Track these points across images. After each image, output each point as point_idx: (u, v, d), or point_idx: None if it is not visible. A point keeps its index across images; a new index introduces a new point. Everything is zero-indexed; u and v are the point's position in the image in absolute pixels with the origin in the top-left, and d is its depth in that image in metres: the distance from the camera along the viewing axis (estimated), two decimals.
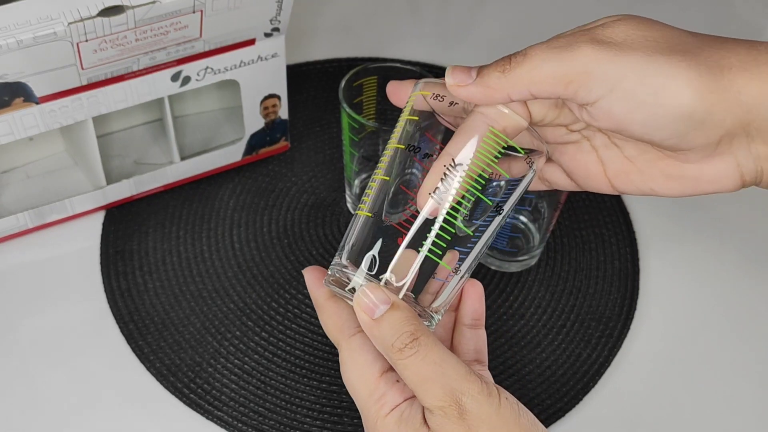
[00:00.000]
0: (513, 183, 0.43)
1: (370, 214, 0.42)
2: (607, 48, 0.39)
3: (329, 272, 0.43)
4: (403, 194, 0.42)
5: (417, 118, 0.43)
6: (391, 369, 0.42)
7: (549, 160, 0.47)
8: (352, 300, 0.42)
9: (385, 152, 0.43)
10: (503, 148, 0.41)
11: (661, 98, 0.38)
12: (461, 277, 0.43)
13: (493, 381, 0.45)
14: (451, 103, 0.43)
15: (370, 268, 0.41)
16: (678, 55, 0.38)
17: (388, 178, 0.42)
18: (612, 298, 0.64)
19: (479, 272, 0.64)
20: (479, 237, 0.42)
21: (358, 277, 0.41)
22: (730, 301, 0.65)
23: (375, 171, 0.43)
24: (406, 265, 0.41)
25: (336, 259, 0.43)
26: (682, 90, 0.38)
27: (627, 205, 0.69)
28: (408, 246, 0.41)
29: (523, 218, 0.63)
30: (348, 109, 0.59)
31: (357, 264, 0.41)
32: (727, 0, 0.89)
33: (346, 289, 0.42)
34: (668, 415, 0.58)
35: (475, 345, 0.46)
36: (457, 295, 0.44)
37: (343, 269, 0.42)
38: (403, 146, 0.42)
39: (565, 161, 0.46)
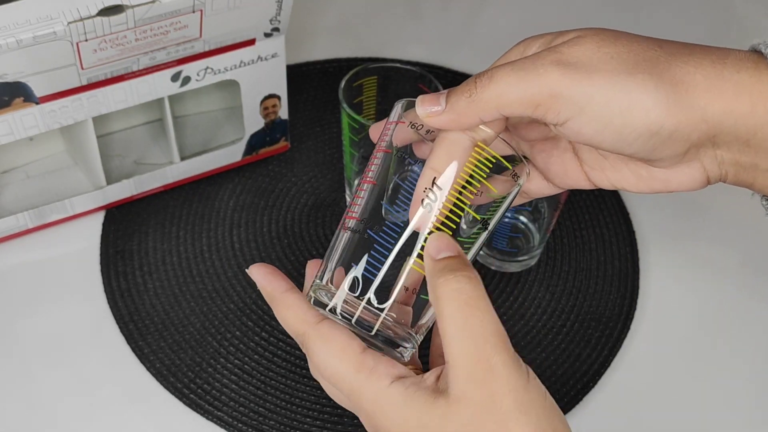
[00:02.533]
0: (499, 199, 0.43)
1: (354, 231, 0.42)
2: (573, 70, 0.39)
3: (311, 293, 0.42)
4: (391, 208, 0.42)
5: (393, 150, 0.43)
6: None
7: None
8: (337, 319, 0.41)
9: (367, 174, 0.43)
10: (489, 166, 0.41)
11: (628, 118, 0.39)
12: None
13: None
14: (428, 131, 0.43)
15: (352, 289, 0.41)
16: (644, 74, 0.39)
17: (375, 182, 0.42)
18: (612, 298, 0.64)
19: (479, 272, 0.64)
20: (466, 252, 0.42)
21: (339, 297, 0.41)
22: (730, 301, 0.65)
23: (358, 184, 0.43)
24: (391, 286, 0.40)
25: (317, 281, 0.42)
26: (649, 109, 0.39)
27: (627, 205, 0.69)
28: (394, 264, 0.40)
29: (523, 218, 0.63)
30: (348, 109, 0.59)
31: (339, 283, 0.41)
32: (727, 0, 0.89)
33: (327, 308, 0.41)
34: (668, 415, 0.58)
35: None
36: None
37: (329, 290, 0.41)
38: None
39: (542, 159, 0.46)
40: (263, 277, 0.42)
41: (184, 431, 0.56)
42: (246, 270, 0.45)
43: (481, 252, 0.64)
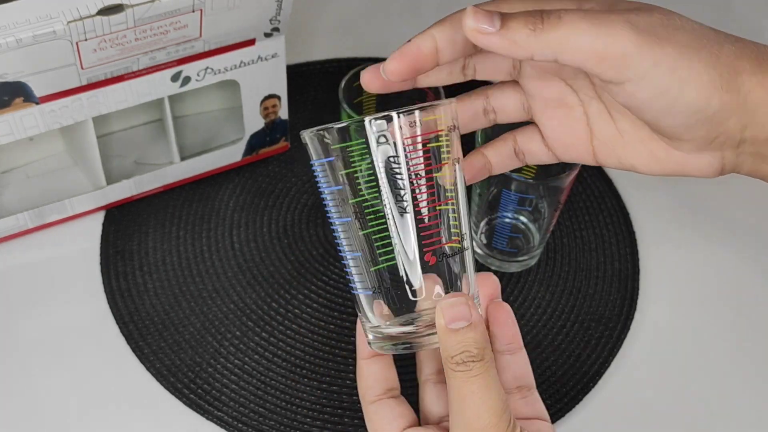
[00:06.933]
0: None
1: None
2: (646, 35, 0.39)
3: (369, 338, 0.43)
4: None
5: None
6: (409, 426, 0.43)
7: (532, 125, 0.46)
8: (399, 350, 0.42)
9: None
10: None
11: (684, 90, 0.39)
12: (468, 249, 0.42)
13: (543, 411, 0.45)
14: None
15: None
16: (707, 51, 0.40)
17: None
18: (612, 299, 0.63)
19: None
20: (455, 200, 0.41)
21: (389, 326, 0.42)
22: (730, 302, 0.64)
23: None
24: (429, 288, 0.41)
25: (365, 322, 0.43)
26: (704, 85, 0.39)
27: (627, 205, 0.69)
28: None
29: (523, 218, 0.63)
30: (348, 109, 0.59)
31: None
32: (727, 0, 0.89)
33: (373, 338, 0.42)
34: (668, 415, 0.58)
35: (513, 372, 0.45)
36: (474, 274, 0.43)
37: (377, 326, 0.42)
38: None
39: (551, 126, 0.45)
40: (359, 334, 0.45)
41: (184, 431, 0.56)
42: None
43: (480, 252, 0.64)
